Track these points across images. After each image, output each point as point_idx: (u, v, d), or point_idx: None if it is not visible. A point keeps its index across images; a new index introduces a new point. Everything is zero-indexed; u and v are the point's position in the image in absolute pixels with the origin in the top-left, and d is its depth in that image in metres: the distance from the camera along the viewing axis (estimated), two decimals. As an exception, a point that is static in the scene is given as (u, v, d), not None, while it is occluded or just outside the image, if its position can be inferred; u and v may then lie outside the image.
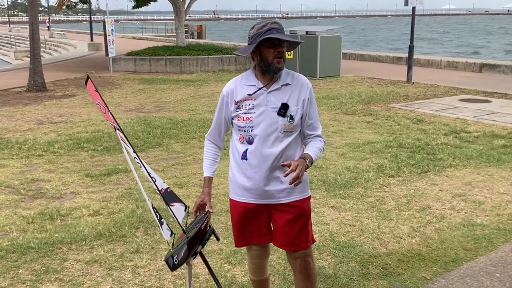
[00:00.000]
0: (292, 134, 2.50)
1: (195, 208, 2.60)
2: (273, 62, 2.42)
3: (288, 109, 2.46)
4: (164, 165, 6.17)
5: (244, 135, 2.51)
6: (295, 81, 2.53)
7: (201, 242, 2.49)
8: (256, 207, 2.58)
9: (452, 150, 6.58)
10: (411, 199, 4.93)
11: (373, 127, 8.12)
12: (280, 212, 2.56)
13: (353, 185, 5.31)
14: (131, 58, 17.05)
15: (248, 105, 2.49)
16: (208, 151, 2.72)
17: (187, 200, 4.92)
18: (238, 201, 2.62)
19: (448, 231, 4.19)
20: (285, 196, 2.55)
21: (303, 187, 2.58)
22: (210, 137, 2.72)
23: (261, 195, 2.54)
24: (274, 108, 2.46)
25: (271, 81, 2.49)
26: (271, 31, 2.38)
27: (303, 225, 2.58)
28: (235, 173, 2.60)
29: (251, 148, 2.50)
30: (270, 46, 2.40)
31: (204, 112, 9.47)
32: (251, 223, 2.61)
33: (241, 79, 2.56)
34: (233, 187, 2.65)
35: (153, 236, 4.12)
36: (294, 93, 2.50)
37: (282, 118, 2.46)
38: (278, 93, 2.48)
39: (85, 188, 5.38)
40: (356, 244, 3.94)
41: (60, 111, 9.82)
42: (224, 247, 3.92)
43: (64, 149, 6.93)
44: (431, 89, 12.17)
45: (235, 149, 2.58)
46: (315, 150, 2.53)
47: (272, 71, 2.44)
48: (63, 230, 4.25)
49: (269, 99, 2.47)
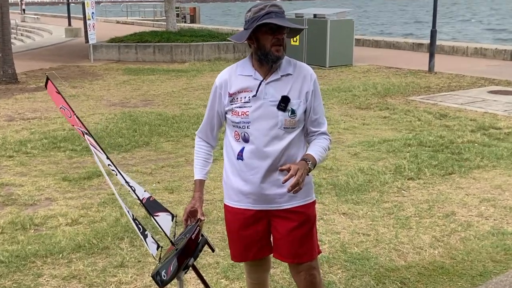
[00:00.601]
0: (294, 131, 2.50)
1: (185, 216, 2.60)
2: (272, 50, 2.41)
3: (289, 103, 2.45)
4: (153, 167, 6.18)
5: (239, 131, 2.51)
6: (298, 71, 2.52)
7: (193, 254, 2.49)
8: (255, 214, 2.57)
9: (480, 149, 6.58)
10: (433, 204, 4.93)
11: (390, 123, 8.12)
12: (281, 219, 2.56)
13: (367, 189, 5.31)
14: (114, 45, 17.06)
15: (244, 98, 2.48)
16: (199, 151, 2.72)
17: (179, 207, 4.93)
18: (233, 207, 2.61)
19: (475, 240, 4.20)
20: (286, 201, 2.54)
21: (307, 190, 2.58)
22: (201, 134, 2.73)
23: (260, 200, 2.54)
24: (273, 102, 2.45)
25: (270, 71, 2.48)
26: (269, 15, 2.37)
27: (307, 234, 2.58)
28: (230, 176, 2.60)
29: (248, 147, 2.49)
30: (268, 32, 2.40)
31: (198, 107, 9.48)
32: (249, 233, 2.60)
33: (236, 68, 2.55)
34: (227, 191, 2.65)
35: (140, 248, 4.12)
36: (296, 84, 2.49)
37: (282, 113, 2.45)
38: (278, 85, 2.47)
39: (62, 194, 5.38)
40: (371, 256, 3.94)
41: (34, 106, 9.84)
42: (221, 260, 3.93)
43: (38, 149, 6.95)
44: (456, 79, 12.17)
45: (229, 148, 2.58)
46: (319, 150, 2.52)
47: (270, 60, 2.43)
48: (37, 242, 4.26)
49: (268, 91, 2.46)
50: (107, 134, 7.52)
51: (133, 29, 23.65)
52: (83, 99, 10.40)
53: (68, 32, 26.48)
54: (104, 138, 7.32)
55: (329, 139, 2.60)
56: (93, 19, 16.19)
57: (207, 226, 4.50)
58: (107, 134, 7.52)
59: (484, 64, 14.69)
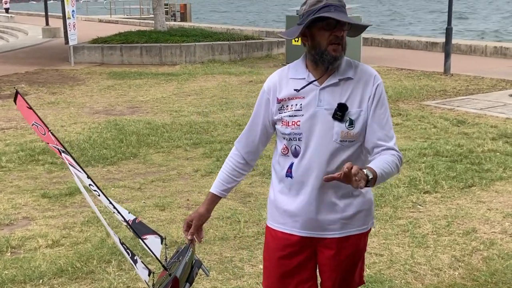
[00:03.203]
0: (352, 145, 2.36)
1: (185, 227, 2.57)
2: (328, 49, 2.29)
3: (346, 112, 2.32)
4: (141, 181, 6.19)
5: (288, 144, 2.40)
6: (359, 75, 2.38)
7: (188, 279, 2.50)
8: (300, 241, 2.46)
9: (502, 159, 6.60)
10: (452, 220, 4.95)
11: (403, 130, 8.15)
12: (329, 250, 2.46)
13: (379, 204, 5.33)
14: (97, 47, 17.11)
15: (295, 106, 2.36)
16: (227, 162, 2.59)
17: (171, 225, 4.94)
18: (277, 230, 2.51)
19: (499, 260, 4.20)
20: (339, 229, 2.43)
21: (364, 217, 2.47)
22: (239, 144, 2.59)
23: (309, 225, 2.43)
24: (329, 110, 2.33)
25: (326, 74, 2.36)
26: (327, 8, 2.25)
27: (354, 267, 2.52)
28: (277, 194, 2.50)
29: (298, 162, 2.39)
30: (325, 28, 2.28)
31: (191, 114, 9.51)
32: (292, 262, 2.49)
33: (287, 71, 2.44)
34: (272, 211, 2.55)
35: (129, 272, 4.12)
36: (357, 90, 2.35)
37: (338, 123, 2.32)
38: (335, 90, 2.34)
39: (41, 212, 5.38)
40: (385, 279, 3.95)
41: (8, 115, 9.84)
42: (219, 285, 3.93)
43: (14, 162, 6.95)
44: (474, 82, 12.22)
45: (277, 163, 2.49)
46: (380, 164, 2.26)
47: (326, 61, 2.31)
48: (14, 266, 4.24)
49: (323, 97, 2.34)
50: (90, 145, 7.53)
51: (117, 28, 23.72)
52: (63, 107, 10.42)
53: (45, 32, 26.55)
54: (87, 149, 7.33)
55: (397, 156, 2.35)
56: (74, 18, 16.25)
57: (202, 247, 4.50)
58: (90, 145, 7.53)
59: (505, 64, 14.76)
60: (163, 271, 2.53)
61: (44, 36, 26.20)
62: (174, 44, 16.79)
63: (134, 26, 27.58)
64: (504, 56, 16.19)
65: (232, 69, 14.98)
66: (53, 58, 17.93)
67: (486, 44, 17.22)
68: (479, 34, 30.75)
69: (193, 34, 18.05)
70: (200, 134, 8.09)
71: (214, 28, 23.77)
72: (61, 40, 22.54)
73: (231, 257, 4.33)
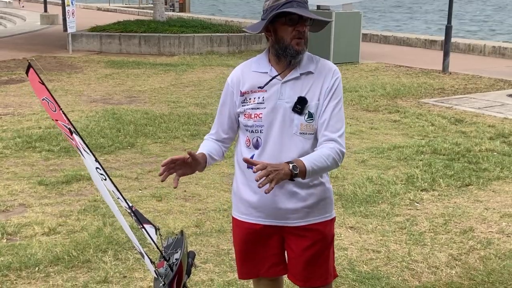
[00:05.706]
0: (312, 137, 2.46)
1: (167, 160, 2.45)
2: (291, 43, 2.37)
3: (306, 105, 2.41)
4: (139, 171, 6.16)
5: (250, 136, 2.48)
6: (320, 69, 2.46)
7: (186, 271, 2.48)
8: (264, 229, 2.56)
9: (499, 158, 6.61)
10: (449, 219, 4.95)
11: (400, 128, 8.14)
12: (295, 237, 2.55)
13: (376, 201, 5.32)
14: (95, 35, 17.01)
15: (258, 99, 2.45)
16: (204, 143, 2.64)
17: (168, 216, 4.92)
18: (242, 220, 2.60)
19: (496, 260, 4.21)
20: (301, 218, 2.52)
21: (325, 206, 2.56)
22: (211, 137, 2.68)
23: (271, 215, 2.52)
24: (290, 103, 2.41)
25: (288, 68, 2.44)
26: (290, 3, 2.33)
27: (322, 255, 2.57)
28: (240, 186, 2.58)
29: (258, 154, 2.46)
30: (288, 23, 2.36)
31: (189, 105, 9.47)
32: (258, 250, 2.59)
33: (250, 64, 2.52)
34: (236, 202, 2.63)
35: (125, 262, 4.11)
36: (317, 84, 2.44)
37: (298, 116, 2.42)
38: (296, 84, 2.43)
39: (38, 200, 5.35)
40: (382, 276, 3.95)
41: (5, 101, 9.79)
42: (216, 277, 3.92)
43: (11, 149, 6.91)
44: (472, 81, 12.23)
45: (240, 155, 2.56)
46: (315, 158, 2.32)
47: (289, 55, 2.39)
48: (10, 253, 4.23)
49: (284, 91, 2.43)
50: (87, 133, 7.49)
51: (116, 17, 23.60)
52: (61, 94, 10.36)
53: (44, 18, 26.37)
54: (85, 138, 7.28)
55: (337, 150, 2.38)
56: (73, 5, 16.14)
57: (199, 239, 4.49)
58: (87, 133, 7.49)
59: (503, 64, 14.77)
60: (162, 261, 2.51)
61: (42, 23, 26.02)
62: (173, 34, 16.71)
63: (132, 15, 27.48)
64: (502, 55, 16.20)
65: (231, 61, 14.92)
66: (51, 45, 17.82)
67: (485, 43, 17.22)
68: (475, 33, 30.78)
69: (192, 25, 17.98)
70: (197, 126, 8.06)
71: (213, 20, 23.65)
72: (59, 27, 22.40)
73: (228, 250, 4.31)
